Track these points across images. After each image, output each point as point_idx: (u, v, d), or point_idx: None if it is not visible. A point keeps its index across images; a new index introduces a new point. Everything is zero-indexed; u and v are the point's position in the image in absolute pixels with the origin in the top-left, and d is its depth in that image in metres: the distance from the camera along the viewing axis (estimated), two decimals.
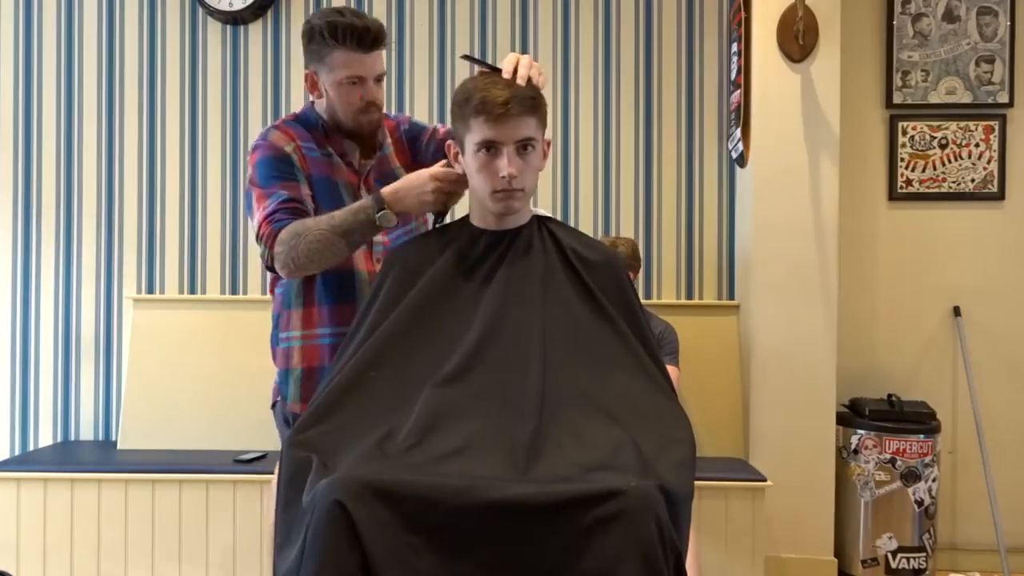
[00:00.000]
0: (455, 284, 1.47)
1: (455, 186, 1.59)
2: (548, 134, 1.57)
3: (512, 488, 1.13)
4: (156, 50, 3.48)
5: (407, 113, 3.48)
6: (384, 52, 1.77)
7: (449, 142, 1.55)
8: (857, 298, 3.31)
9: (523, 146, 1.44)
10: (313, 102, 1.82)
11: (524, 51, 3.45)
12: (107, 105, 3.48)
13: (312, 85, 1.76)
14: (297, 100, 3.45)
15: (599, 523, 1.10)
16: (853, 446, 3.05)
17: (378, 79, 1.75)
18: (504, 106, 1.40)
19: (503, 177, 1.42)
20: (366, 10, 3.45)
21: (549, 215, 1.66)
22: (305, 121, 1.81)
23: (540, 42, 3.44)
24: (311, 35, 1.70)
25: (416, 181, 1.61)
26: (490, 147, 1.43)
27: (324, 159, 1.78)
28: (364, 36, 1.67)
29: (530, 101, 1.44)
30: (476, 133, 1.43)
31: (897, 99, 3.32)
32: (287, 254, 1.63)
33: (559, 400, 1.32)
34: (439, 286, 1.47)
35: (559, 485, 1.13)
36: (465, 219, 1.57)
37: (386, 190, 1.62)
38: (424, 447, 1.24)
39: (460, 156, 1.51)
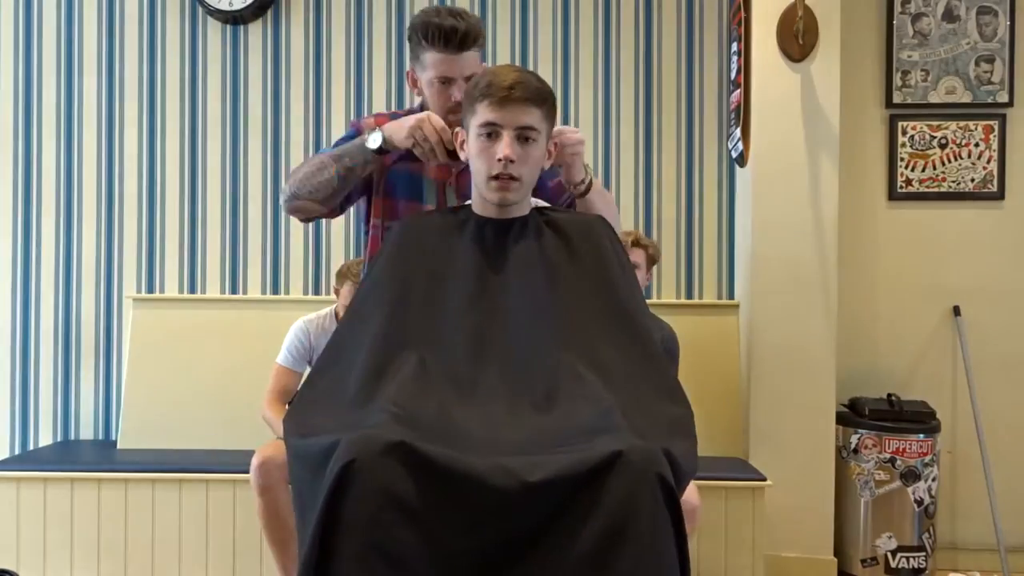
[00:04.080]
0: (457, 271, 1.47)
1: (433, 134, 1.59)
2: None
3: (510, 476, 1.13)
4: (156, 50, 3.48)
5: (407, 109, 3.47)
6: (479, 52, 1.73)
7: (457, 129, 1.55)
8: (857, 298, 3.31)
9: (524, 136, 1.44)
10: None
11: (524, 51, 3.45)
12: (107, 105, 3.48)
13: (413, 83, 1.81)
14: (297, 99, 3.45)
15: (603, 489, 1.11)
16: (853, 446, 3.05)
17: (469, 80, 1.67)
18: (508, 90, 1.41)
19: (500, 160, 1.42)
20: (365, 10, 3.45)
21: (546, 204, 1.67)
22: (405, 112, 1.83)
23: (540, 42, 3.44)
24: (410, 35, 1.73)
25: (409, 118, 1.64)
26: (491, 130, 1.44)
27: (409, 152, 1.70)
28: (451, 37, 1.65)
29: (537, 91, 1.44)
30: (479, 116, 1.45)
31: (897, 99, 3.32)
32: (287, 185, 1.70)
33: (557, 389, 1.33)
34: (443, 271, 1.47)
35: (563, 464, 1.14)
36: (468, 205, 1.58)
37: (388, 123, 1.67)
38: (434, 419, 1.26)
39: (465, 144, 1.52)
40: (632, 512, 1.10)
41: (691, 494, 2.42)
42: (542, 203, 1.66)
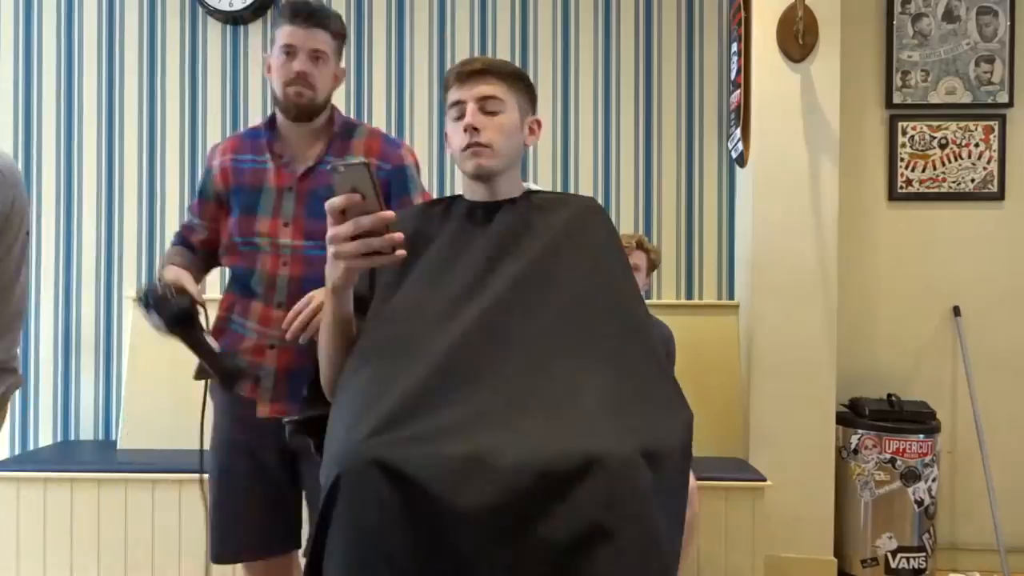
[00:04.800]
0: (454, 259, 1.46)
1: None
2: (546, 125, 1.58)
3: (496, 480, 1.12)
4: (156, 50, 3.48)
5: (407, 117, 3.47)
6: (330, 37, 1.77)
7: (446, 131, 1.59)
8: (857, 298, 3.32)
9: (485, 106, 1.47)
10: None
11: (524, 51, 3.45)
12: (107, 105, 3.48)
13: (268, 68, 1.81)
14: None
15: (581, 498, 1.09)
16: (853, 446, 3.05)
17: (314, 56, 1.75)
18: (467, 66, 1.48)
19: (464, 130, 1.45)
20: (365, 11, 3.45)
21: (538, 188, 1.67)
22: (255, 132, 1.88)
23: (540, 42, 3.44)
24: (273, 20, 1.80)
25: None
26: (458, 108, 1.48)
27: (254, 168, 1.83)
28: (301, 10, 1.73)
29: (498, 66, 1.49)
30: (448, 100, 1.50)
31: (897, 99, 3.32)
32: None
33: (539, 382, 1.29)
34: (440, 262, 1.46)
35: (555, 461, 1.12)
36: (460, 196, 1.57)
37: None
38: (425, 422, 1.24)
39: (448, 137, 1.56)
40: (613, 513, 1.09)
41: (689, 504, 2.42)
42: (535, 186, 1.65)
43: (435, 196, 3.45)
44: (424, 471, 1.13)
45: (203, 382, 1.79)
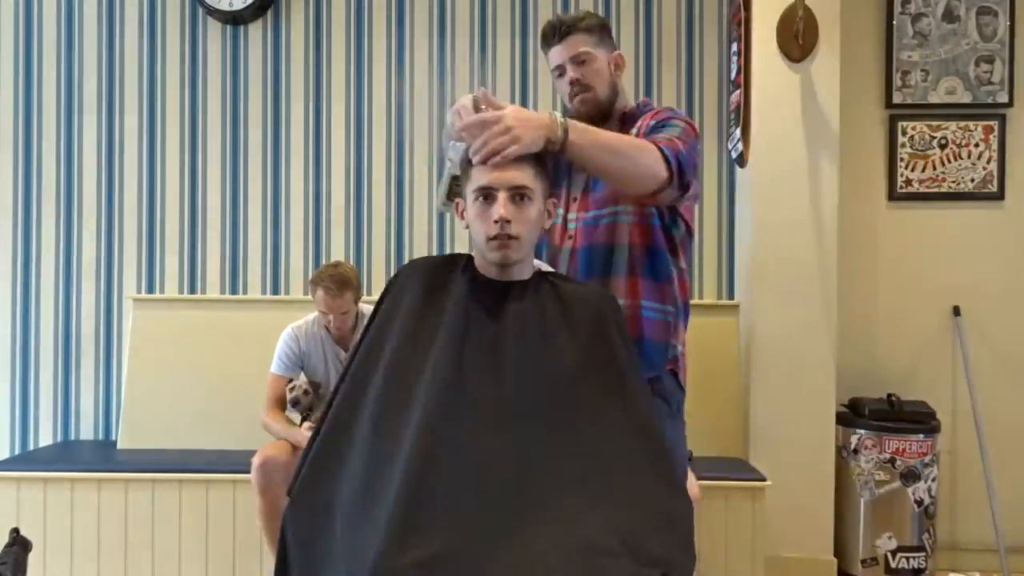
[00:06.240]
0: (459, 337, 1.44)
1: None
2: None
3: None
4: (156, 50, 3.48)
5: (407, 118, 3.47)
6: (583, 37, 2.01)
7: (457, 200, 1.55)
8: (857, 298, 3.31)
9: (518, 195, 1.45)
10: None
11: (524, 52, 3.45)
12: (107, 105, 3.48)
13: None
14: (297, 99, 3.45)
15: None
16: (853, 446, 3.05)
17: (579, 60, 1.98)
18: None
19: (496, 221, 1.43)
20: (366, 12, 3.45)
21: (551, 269, 1.66)
22: None
23: (539, 43, 3.43)
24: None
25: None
26: (486, 194, 1.45)
27: None
28: (547, 31, 2.02)
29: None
30: (473, 181, 1.46)
31: (897, 99, 3.32)
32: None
33: (543, 479, 1.30)
34: (444, 338, 1.44)
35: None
36: (471, 261, 1.56)
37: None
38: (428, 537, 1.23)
39: (465, 212, 1.52)
40: None
41: (690, 485, 2.42)
42: (546, 267, 1.65)
43: (427, 202, 3.46)
44: None
45: None
